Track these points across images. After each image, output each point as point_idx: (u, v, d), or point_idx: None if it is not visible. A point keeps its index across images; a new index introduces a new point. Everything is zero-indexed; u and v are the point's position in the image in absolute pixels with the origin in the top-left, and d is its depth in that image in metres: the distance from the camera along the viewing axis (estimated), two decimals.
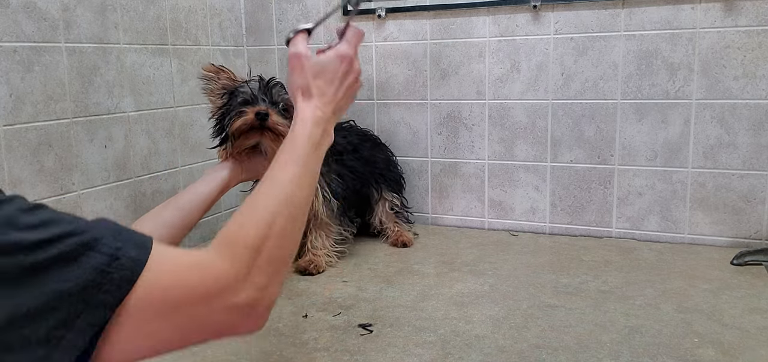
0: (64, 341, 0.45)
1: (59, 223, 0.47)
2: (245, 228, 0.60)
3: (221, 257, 0.57)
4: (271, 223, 0.61)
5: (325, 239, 1.36)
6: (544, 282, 1.23)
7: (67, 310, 0.45)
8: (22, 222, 0.45)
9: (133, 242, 0.50)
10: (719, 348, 0.94)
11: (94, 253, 0.47)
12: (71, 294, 0.45)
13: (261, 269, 0.58)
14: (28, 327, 0.44)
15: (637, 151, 1.48)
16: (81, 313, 0.46)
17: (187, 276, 0.54)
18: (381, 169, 1.55)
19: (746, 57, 1.36)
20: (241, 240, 0.59)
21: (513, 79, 1.56)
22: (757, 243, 1.40)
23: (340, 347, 0.98)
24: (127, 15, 1.36)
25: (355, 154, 1.47)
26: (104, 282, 0.47)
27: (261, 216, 0.61)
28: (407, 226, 1.56)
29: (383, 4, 1.64)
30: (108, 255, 0.48)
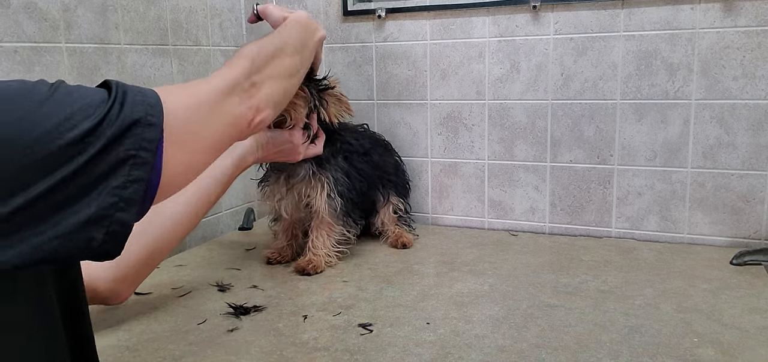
0: (138, 157, 0.54)
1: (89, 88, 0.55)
2: (240, 51, 0.77)
3: (225, 68, 0.73)
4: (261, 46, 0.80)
5: (325, 239, 1.35)
6: (544, 282, 1.23)
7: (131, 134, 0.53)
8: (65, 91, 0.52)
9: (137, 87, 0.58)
10: (719, 347, 0.95)
11: (126, 93, 0.55)
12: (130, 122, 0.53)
13: (258, 70, 0.76)
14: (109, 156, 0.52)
15: (636, 151, 1.48)
16: (141, 133, 0.54)
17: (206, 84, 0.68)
18: (390, 174, 1.55)
19: (746, 57, 1.36)
20: (237, 55, 0.76)
21: (513, 79, 1.56)
22: (757, 243, 1.40)
23: (340, 347, 0.98)
24: (127, 15, 1.37)
25: (365, 156, 1.47)
26: (144, 107, 0.55)
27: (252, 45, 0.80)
28: (408, 229, 1.56)
29: (383, 4, 1.64)
30: (134, 90, 0.56)
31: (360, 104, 1.71)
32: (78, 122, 0.51)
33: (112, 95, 0.54)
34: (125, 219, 0.53)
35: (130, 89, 0.55)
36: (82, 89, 0.53)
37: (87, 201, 0.51)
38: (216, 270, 1.37)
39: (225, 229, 1.70)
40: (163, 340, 1.02)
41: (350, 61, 1.71)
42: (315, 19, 1.72)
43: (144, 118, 0.55)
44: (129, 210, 0.53)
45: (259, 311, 1.13)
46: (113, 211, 0.52)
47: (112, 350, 0.99)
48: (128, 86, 0.56)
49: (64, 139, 0.49)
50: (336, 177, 1.35)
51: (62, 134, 0.49)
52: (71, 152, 0.50)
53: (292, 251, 1.42)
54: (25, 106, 0.49)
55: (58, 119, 0.50)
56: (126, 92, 0.55)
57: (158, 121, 0.56)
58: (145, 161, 0.54)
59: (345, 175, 1.38)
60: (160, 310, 1.15)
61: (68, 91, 0.53)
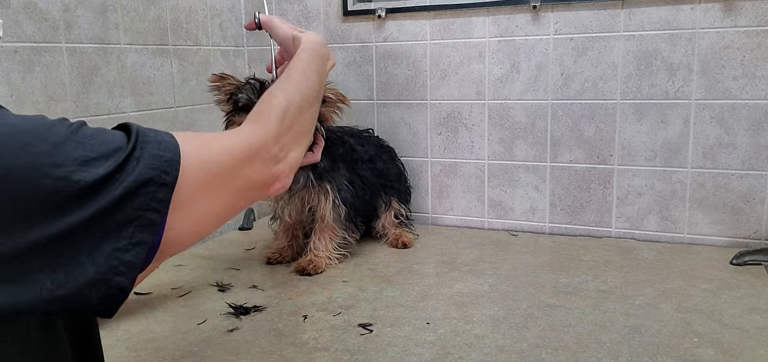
0: (144, 219, 0.51)
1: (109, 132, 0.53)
2: (268, 105, 0.72)
3: (252, 125, 0.68)
4: (290, 100, 0.73)
5: (328, 242, 1.36)
6: (544, 282, 1.23)
7: (142, 193, 0.51)
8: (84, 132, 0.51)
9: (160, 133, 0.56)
10: (719, 347, 0.95)
11: (145, 144, 0.53)
12: (144, 180, 0.51)
13: (286, 131, 0.71)
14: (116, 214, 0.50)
15: (636, 151, 1.48)
16: (154, 194, 0.52)
17: (228, 144, 0.63)
18: (393, 182, 1.56)
19: (746, 57, 1.36)
20: (265, 111, 0.70)
21: (513, 79, 1.56)
22: (757, 243, 1.40)
23: (340, 347, 0.98)
24: (127, 15, 1.37)
25: (370, 163, 1.48)
26: (161, 164, 0.53)
27: (280, 95, 0.74)
28: (408, 228, 1.56)
29: (383, 4, 1.64)
30: (154, 142, 0.54)
31: (360, 104, 1.71)
32: (99, 163, 0.49)
33: (130, 144, 0.51)
34: (123, 284, 0.51)
35: (150, 140, 0.53)
36: (100, 135, 0.51)
37: (89, 259, 0.49)
38: (216, 270, 1.37)
39: (225, 229, 1.70)
40: (163, 340, 1.02)
41: (350, 61, 1.71)
42: (315, 19, 1.74)
43: (158, 177, 0.52)
44: (128, 274, 0.51)
45: (259, 311, 1.13)
46: (112, 275, 0.50)
47: (112, 350, 0.99)
48: (148, 136, 0.53)
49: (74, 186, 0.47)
50: (340, 184, 1.37)
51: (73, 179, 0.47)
52: (80, 200, 0.47)
53: (292, 251, 1.42)
54: (41, 148, 0.47)
55: (72, 163, 0.48)
56: (146, 144, 0.52)
57: (172, 181, 0.53)
58: (151, 223, 0.52)
59: (349, 182, 1.39)
60: (160, 310, 1.15)
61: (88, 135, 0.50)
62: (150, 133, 0.54)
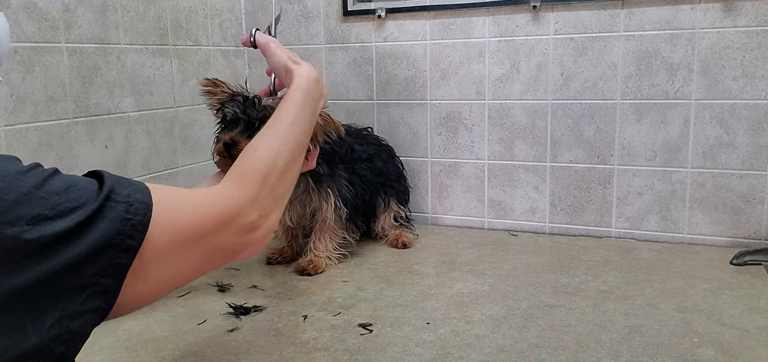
0: (99, 286, 0.49)
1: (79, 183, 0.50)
2: (252, 163, 0.68)
3: (232, 187, 0.65)
4: (275, 159, 0.69)
5: (328, 242, 1.37)
6: (544, 282, 1.23)
7: (101, 259, 0.48)
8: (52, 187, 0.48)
9: (135, 187, 0.53)
10: (719, 347, 0.95)
11: (113, 203, 0.50)
12: (105, 244, 0.49)
13: (266, 196, 0.66)
14: (68, 279, 0.47)
15: (636, 151, 1.48)
16: (114, 259, 0.49)
17: (203, 208, 0.60)
18: (392, 181, 1.56)
19: (746, 57, 1.36)
20: (249, 171, 0.67)
21: (513, 79, 1.56)
22: (757, 243, 1.40)
23: (340, 347, 0.98)
24: (127, 15, 1.37)
25: (368, 163, 1.48)
26: (127, 227, 0.50)
27: (265, 152, 0.70)
28: (408, 230, 1.56)
29: (383, 4, 1.64)
30: (124, 202, 0.51)
31: (360, 104, 1.71)
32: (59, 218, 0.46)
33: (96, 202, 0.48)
34: (66, 355, 0.47)
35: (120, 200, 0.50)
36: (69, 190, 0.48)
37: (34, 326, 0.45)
38: (216, 270, 1.37)
39: None
40: (163, 340, 1.02)
41: (350, 61, 1.71)
42: (315, 19, 1.74)
43: (121, 242, 0.49)
44: (73, 344, 0.48)
45: (259, 311, 1.13)
46: (55, 345, 0.46)
47: (111, 350, 0.99)
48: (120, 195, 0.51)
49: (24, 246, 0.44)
50: (340, 185, 1.37)
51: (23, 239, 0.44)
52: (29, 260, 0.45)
53: (292, 252, 1.42)
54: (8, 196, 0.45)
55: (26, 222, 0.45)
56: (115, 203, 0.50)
57: (135, 246, 0.50)
58: (105, 289, 0.49)
59: (348, 182, 1.39)
60: (159, 310, 1.15)
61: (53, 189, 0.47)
62: (123, 190, 0.51)
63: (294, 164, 0.74)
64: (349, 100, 1.72)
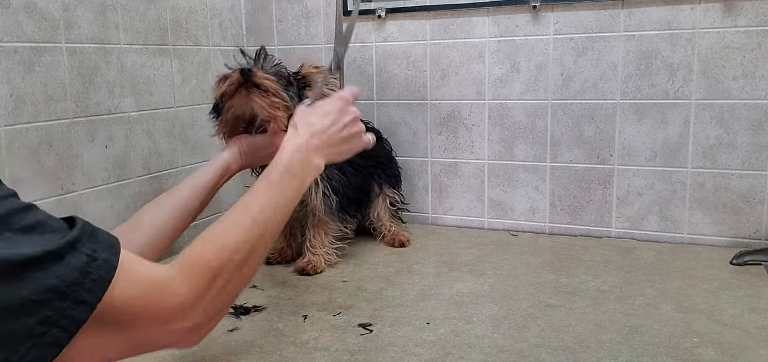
0: (47, 337, 0.46)
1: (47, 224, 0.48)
2: (208, 254, 0.62)
3: (181, 279, 0.59)
4: (232, 254, 0.63)
5: (323, 237, 1.35)
6: (544, 282, 1.23)
7: (54, 306, 0.46)
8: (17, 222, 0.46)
9: (104, 243, 0.51)
10: (719, 347, 0.95)
11: (76, 253, 0.48)
12: (58, 291, 0.46)
13: (214, 298, 0.61)
14: (14, 321, 0.44)
15: (636, 151, 1.48)
16: (65, 310, 0.47)
17: (152, 295, 0.55)
18: (383, 164, 1.55)
19: (746, 57, 1.36)
20: (203, 263, 0.61)
21: (513, 79, 1.56)
22: (757, 243, 1.40)
23: (340, 347, 0.98)
24: (127, 15, 1.37)
25: None
26: (85, 281, 0.48)
27: (225, 243, 0.63)
28: (403, 226, 1.57)
29: (383, 5, 1.64)
30: (87, 255, 0.49)
31: (360, 104, 1.70)
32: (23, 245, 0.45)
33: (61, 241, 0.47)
34: None
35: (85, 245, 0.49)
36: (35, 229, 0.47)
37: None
38: None
39: None
40: None
41: (350, 61, 1.71)
42: (315, 18, 1.74)
43: (77, 294, 0.47)
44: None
45: (259, 311, 1.13)
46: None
47: None
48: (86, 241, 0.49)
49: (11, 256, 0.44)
50: (330, 174, 1.34)
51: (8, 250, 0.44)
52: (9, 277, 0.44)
53: (291, 251, 1.42)
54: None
55: None
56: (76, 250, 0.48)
57: (93, 300, 0.48)
58: (52, 342, 0.46)
59: (339, 170, 1.36)
60: None
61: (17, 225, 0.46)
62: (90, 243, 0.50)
63: (253, 258, 0.67)
64: None
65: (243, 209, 0.69)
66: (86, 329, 0.49)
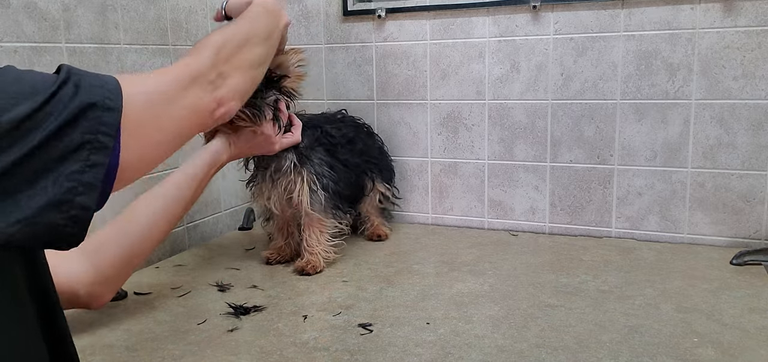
0: (96, 142, 0.53)
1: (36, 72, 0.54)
2: (205, 40, 0.76)
3: (187, 57, 0.72)
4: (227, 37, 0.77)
5: (319, 235, 1.34)
6: (544, 282, 1.23)
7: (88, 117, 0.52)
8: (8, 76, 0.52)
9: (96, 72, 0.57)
10: (719, 347, 0.95)
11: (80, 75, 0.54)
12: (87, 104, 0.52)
13: (223, 61, 0.74)
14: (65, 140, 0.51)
15: (636, 151, 1.48)
16: (99, 117, 0.53)
17: (165, 75, 0.66)
18: (376, 159, 1.56)
19: (746, 57, 1.36)
20: (203, 44, 0.75)
21: (513, 79, 1.56)
22: (757, 243, 1.40)
23: (340, 347, 0.98)
24: (127, 15, 1.37)
25: (350, 145, 1.46)
26: (103, 90, 0.54)
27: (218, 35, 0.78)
28: (389, 221, 1.60)
29: (383, 4, 1.64)
30: (92, 75, 0.55)
31: (360, 104, 1.71)
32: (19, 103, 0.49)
33: (60, 78, 0.52)
34: (86, 204, 0.53)
35: (86, 74, 0.55)
36: (30, 73, 0.53)
37: (44, 185, 0.50)
38: (216, 270, 1.37)
39: (225, 229, 1.70)
40: (162, 340, 1.02)
41: (350, 61, 1.71)
42: (315, 18, 1.74)
43: (101, 102, 0.54)
44: (89, 194, 0.53)
45: (259, 311, 1.13)
46: (72, 196, 0.52)
47: (111, 350, 0.99)
48: (85, 71, 0.55)
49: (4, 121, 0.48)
50: (319, 171, 1.33)
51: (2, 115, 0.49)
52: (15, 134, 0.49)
53: (290, 250, 1.42)
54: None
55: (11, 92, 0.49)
56: (81, 76, 0.54)
57: (117, 105, 0.55)
58: (104, 145, 0.53)
59: (329, 167, 1.36)
60: (159, 310, 1.15)
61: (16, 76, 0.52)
62: (87, 71, 0.55)
63: (251, 45, 0.81)
64: (349, 100, 1.72)
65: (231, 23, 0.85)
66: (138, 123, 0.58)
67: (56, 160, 0.51)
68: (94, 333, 1.05)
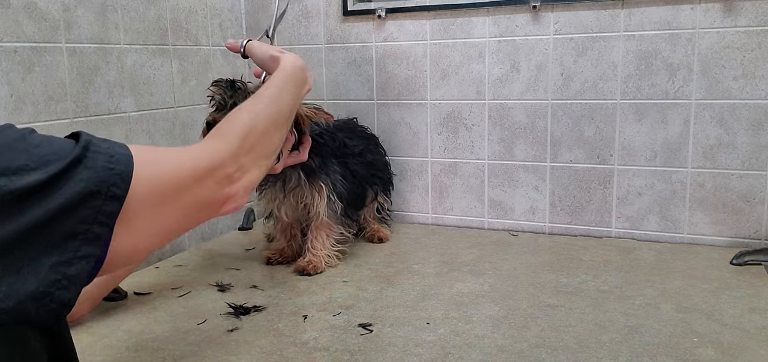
0: (90, 233, 0.50)
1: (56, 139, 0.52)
2: (232, 123, 0.72)
3: (210, 142, 0.68)
4: (255, 121, 0.73)
5: (325, 239, 1.36)
6: (544, 282, 1.23)
7: (88, 205, 0.50)
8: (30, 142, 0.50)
9: (114, 143, 0.55)
10: (719, 347, 0.95)
11: (94, 154, 0.51)
12: (89, 192, 0.50)
13: (245, 152, 0.70)
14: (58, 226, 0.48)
15: (636, 151, 1.48)
16: (100, 206, 0.51)
17: (183, 161, 0.62)
18: (380, 172, 1.57)
19: (746, 57, 1.36)
20: (228, 129, 0.71)
21: (513, 79, 1.56)
22: (757, 243, 1.40)
23: (340, 347, 0.98)
24: (127, 15, 1.37)
25: (360, 157, 1.48)
26: (111, 176, 0.52)
27: (246, 115, 0.74)
28: (387, 226, 1.60)
29: (383, 4, 1.64)
30: (104, 153, 0.52)
31: (360, 104, 1.71)
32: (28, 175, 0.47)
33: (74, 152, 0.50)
34: (66, 299, 0.49)
35: (101, 151, 0.52)
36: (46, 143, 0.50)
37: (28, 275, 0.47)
38: (216, 270, 1.37)
39: (225, 229, 1.70)
40: (163, 340, 1.02)
41: (350, 61, 1.71)
42: (315, 18, 1.74)
43: (106, 190, 0.51)
44: (72, 288, 0.49)
45: (259, 311, 1.13)
46: (54, 289, 0.48)
47: (111, 350, 0.99)
48: (100, 146, 0.52)
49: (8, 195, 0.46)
50: (334, 180, 1.36)
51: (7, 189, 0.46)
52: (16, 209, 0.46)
53: (291, 251, 1.42)
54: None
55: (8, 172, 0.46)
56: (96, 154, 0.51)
57: (122, 194, 0.52)
58: (97, 237, 0.51)
59: (342, 177, 1.38)
60: (160, 310, 1.15)
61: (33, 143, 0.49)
62: (102, 143, 0.53)
63: (274, 131, 0.78)
64: (350, 100, 1.72)
65: (256, 97, 0.80)
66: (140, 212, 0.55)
67: (46, 247, 0.48)
68: (94, 333, 1.05)
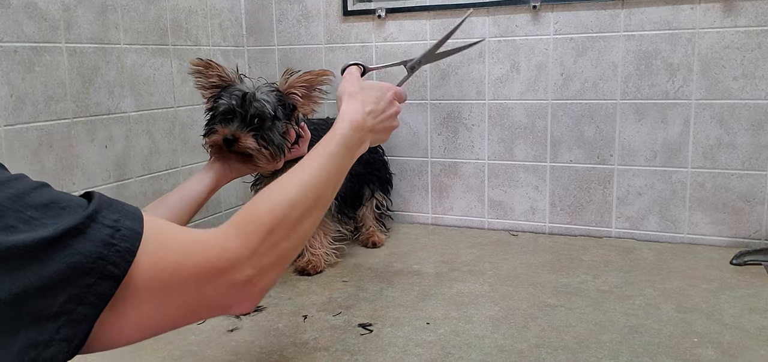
0: (75, 314, 0.45)
1: (64, 200, 0.47)
2: (259, 212, 0.61)
3: (231, 235, 0.58)
4: (287, 212, 0.62)
5: (322, 238, 1.36)
6: (544, 282, 1.23)
7: (79, 284, 0.45)
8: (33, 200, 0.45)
9: (126, 213, 0.50)
10: (719, 347, 0.95)
11: (97, 225, 0.46)
12: (83, 268, 0.45)
13: (266, 252, 0.59)
14: (40, 301, 0.43)
15: (636, 151, 1.48)
16: (92, 286, 0.45)
17: (194, 252, 0.54)
18: (377, 170, 1.57)
19: (746, 57, 1.36)
20: (253, 221, 0.59)
21: (513, 79, 1.56)
22: (757, 243, 1.40)
23: (340, 347, 0.98)
24: (127, 15, 1.37)
25: None
26: (110, 253, 0.46)
27: (277, 203, 0.62)
28: (385, 229, 1.58)
29: (383, 4, 1.64)
30: (110, 226, 0.47)
31: None
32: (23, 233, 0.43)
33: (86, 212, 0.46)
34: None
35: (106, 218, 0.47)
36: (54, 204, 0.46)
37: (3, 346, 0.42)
38: None
39: None
40: (163, 340, 1.02)
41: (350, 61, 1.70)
42: (315, 18, 1.74)
43: (102, 268, 0.46)
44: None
45: (259, 311, 1.13)
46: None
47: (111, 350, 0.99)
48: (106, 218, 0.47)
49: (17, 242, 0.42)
50: None
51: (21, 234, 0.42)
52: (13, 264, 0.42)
53: None
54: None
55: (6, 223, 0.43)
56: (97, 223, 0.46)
57: (119, 274, 0.47)
58: (82, 318, 0.45)
59: None
60: None
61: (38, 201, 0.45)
62: (111, 214, 0.48)
63: (308, 220, 0.66)
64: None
65: (296, 172, 0.69)
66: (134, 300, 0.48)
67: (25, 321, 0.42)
68: None
